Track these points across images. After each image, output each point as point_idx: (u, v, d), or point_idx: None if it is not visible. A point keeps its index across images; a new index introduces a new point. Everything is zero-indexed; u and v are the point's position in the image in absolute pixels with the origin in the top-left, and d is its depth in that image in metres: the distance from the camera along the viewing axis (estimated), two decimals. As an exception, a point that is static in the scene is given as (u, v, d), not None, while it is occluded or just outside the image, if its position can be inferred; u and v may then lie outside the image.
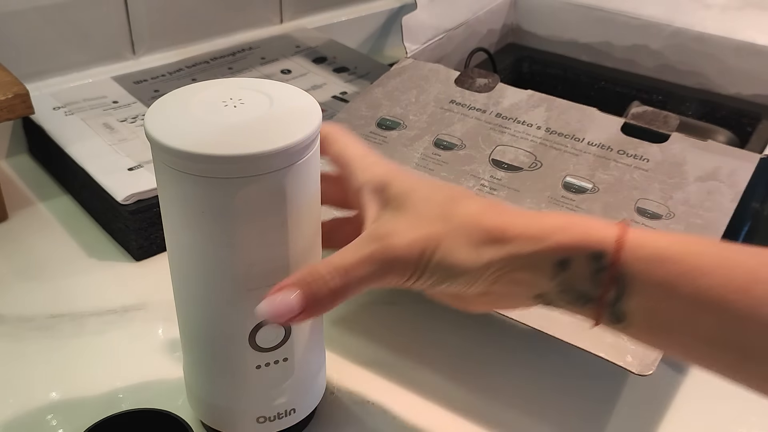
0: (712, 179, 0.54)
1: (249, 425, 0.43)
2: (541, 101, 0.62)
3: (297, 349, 0.42)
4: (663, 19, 0.75)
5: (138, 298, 0.58)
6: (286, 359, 0.42)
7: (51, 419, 0.48)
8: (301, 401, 0.44)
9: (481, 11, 0.80)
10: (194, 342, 0.43)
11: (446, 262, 0.37)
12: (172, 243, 0.40)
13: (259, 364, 0.41)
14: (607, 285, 0.35)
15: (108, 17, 0.79)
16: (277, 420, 0.43)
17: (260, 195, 0.36)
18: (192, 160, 0.35)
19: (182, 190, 0.37)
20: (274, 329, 0.40)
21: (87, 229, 0.66)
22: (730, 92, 0.73)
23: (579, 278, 0.36)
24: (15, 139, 0.75)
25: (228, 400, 0.43)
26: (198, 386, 0.44)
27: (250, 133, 0.36)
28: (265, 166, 0.35)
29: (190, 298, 0.41)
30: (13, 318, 0.56)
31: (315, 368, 0.45)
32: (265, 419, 0.43)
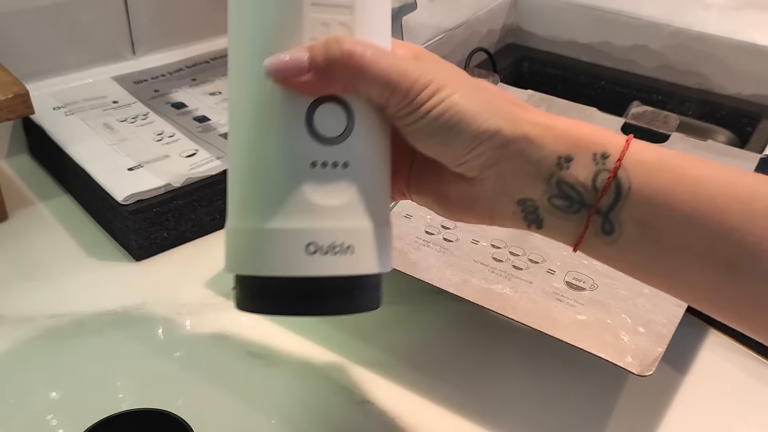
0: (712, 179, 0.54)
1: (296, 254, 0.34)
2: (541, 101, 0.62)
3: (359, 155, 0.35)
4: (663, 19, 0.75)
5: (138, 298, 0.58)
6: (346, 165, 0.35)
7: (51, 419, 0.48)
8: (362, 243, 0.35)
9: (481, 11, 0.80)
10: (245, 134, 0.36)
11: (461, 107, 0.34)
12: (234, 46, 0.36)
13: (314, 160, 0.34)
14: (606, 188, 0.34)
15: (108, 17, 0.79)
16: (330, 254, 0.34)
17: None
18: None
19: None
20: (334, 112, 0.34)
21: (87, 229, 0.66)
22: (730, 92, 0.73)
23: (579, 177, 0.35)
24: (15, 139, 0.75)
25: (273, 216, 0.34)
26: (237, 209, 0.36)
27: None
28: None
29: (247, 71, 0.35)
30: (13, 318, 0.56)
31: (382, 209, 0.37)
32: (316, 249, 0.34)
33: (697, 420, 0.50)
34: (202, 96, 0.77)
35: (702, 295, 0.35)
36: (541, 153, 0.35)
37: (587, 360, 0.46)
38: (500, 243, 0.52)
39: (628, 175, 0.34)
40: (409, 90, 0.34)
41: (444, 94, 0.34)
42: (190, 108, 0.75)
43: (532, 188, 0.35)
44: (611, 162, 0.34)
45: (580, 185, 0.35)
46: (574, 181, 0.35)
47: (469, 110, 0.34)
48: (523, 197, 0.36)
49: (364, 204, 0.35)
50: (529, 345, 0.54)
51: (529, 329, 0.47)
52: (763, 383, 0.52)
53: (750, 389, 0.52)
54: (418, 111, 0.34)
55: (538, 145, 0.35)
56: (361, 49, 0.33)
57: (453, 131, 0.34)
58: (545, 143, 0.35)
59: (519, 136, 0.35)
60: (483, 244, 0.53)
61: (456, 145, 0.35)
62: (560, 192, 0.35)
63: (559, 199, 0.35)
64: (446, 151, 0.35)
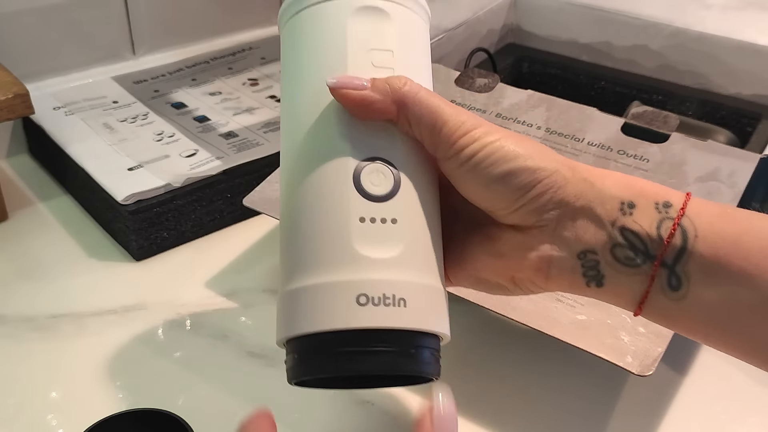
0: (712, 179, 0.54)
1: (347, 306, 0.33)
2: (541, 101, 0.62)
3: (407, 212, 0.35)
4: (663, 19, 0.75)
5: (138, 299, 0.58)
6: (395, 221, 0.34)
7: (51, 419, 0.48)
8: (415, 297, 0.34)
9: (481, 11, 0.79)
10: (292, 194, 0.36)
11: (510, 149, 0.33)
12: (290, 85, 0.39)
13: (363, 216, 0.34)
14: (671, 236, 0.32)
15: (108, 17, 0.79)
16: (382, 305, 0.33)
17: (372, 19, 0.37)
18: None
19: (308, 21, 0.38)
20: (381, 171, 0.35)
21: (87, 229, 0.66)
22: (730, 92, 0.73)
23: (643, 224, 0.33)
24: (15, 139, 0.75)
25: (323, 271, 0.34)
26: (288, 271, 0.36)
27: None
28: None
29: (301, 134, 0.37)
30: (13, 318, 0.56)
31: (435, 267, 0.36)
32: (368, 300, 0.33)
33: (697, 421, 0.50)
34: (202, 96, 0.77)
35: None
36: (603, 197, 0.34)
37: (587, 360, 0.46)
38: (500, 243, 0.52)
39: (693, 224, 0.33)
40: (460, 126, 0.34)
41: (493, 137, 0.34)
42: (190, 108, 0.75)
43: (594, 236, 0.34)
44: (674, 210, 0.33)
45: (644, 233, 0.33)
46: (638, 229, 0.33)
47: (524, 151, 0.34)
48: (584, 249, 0.34)
49: (414, 259, 0.35)
50: (529, 345, 0.54)
51: (529, 329, 0.47)
52: (763, 384, 0.52)
53: (750, 390, 0.52)
54: (469, 148, 0.34)
55: (599, 189, 0.34)
56: (418, 85, 0.34)
57: (509, 168, 0.33)
58: (606, 188, 0.34)
59: (579, 179, 0.34)
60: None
61: (513, 183, 0.33)
62: (624, 240, 0.33)
63: (622, 250, 0.33)
64: (503, 192, 0.34)
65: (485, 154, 0.33)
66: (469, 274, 0.37)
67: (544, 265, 0.35)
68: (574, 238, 0.34)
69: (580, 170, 0.34)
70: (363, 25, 0.37)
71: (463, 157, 0.34)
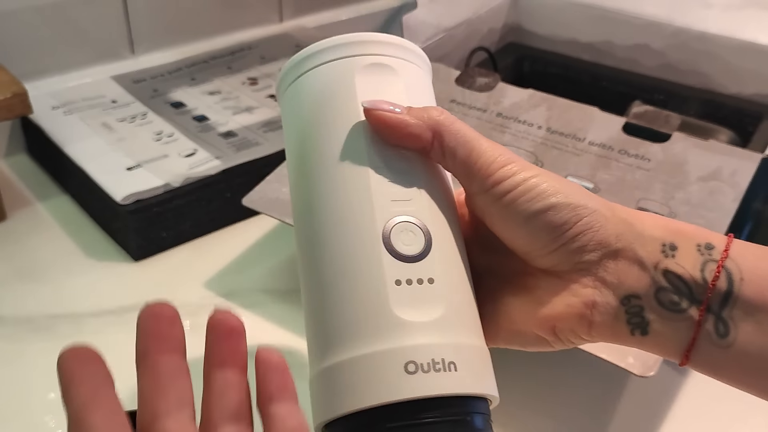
0: (714, 179, 0.54)
1: (396, 376, 0.30)
2: (542, 101, 0.62)
3: (443, 270, 0.33)
4: (664, 19, 0.74)
5: (137, 299, 0.58)
6: (432, 281, 0.32)
7: (49, 420, 0.48)
8: (463, 359, 0.31)
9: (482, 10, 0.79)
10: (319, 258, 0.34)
11: (547, 187, 0.32)
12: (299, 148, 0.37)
13: (398, 278, 0.32)
14: (716, 278, 0.31)
15: (107, 16, 0.79)
16: (432, 371, 0.30)
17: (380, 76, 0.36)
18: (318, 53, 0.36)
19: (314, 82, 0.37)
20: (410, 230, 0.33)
21: (86, 229, 0.66)
22: (731, 92, 0.73)
23: (686, 266, 0.31)
24: (13, 138, 0.75)
25: (364, 341, 0.31)
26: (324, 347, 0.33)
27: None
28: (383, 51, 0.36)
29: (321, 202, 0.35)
30: (12, 319, 0.56)
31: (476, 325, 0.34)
32: (417, 367, 0.30)
33: (698, 421, 0.50)
34: (201, 95, 0.77)
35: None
36: (644, 239, 0.32)
37: (588, 361, 0.45)
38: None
39: (738, 266, 0.31)
40: (495, 159, 0.32)
41: (531, 173, 0.32)
42: (189, 107, 0.75)
43: (638, 280, 0.32)
44: (717, 252, 0.31)
45: (688, 276, 0.31)
46: (682, 272, 0.31)
47: (562, 188, 0.32)
48: (628, 293, 0.32)
49: (457, 319, 0.33)
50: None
51: (530, 330, 0.47)
52: (765, 384, 0.52)
53: (752, 390, 0.52)
54: (506, 182, 0.32)
55: (639, 231, 0.32)
56: (454, 117, 0.33)
57: (549, 204, 0.32)
58: (647, 229, 0.32)
59: (618, 220, 0.32)
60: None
61: (554, 220, 0.32)
62: (668, 284, 0.32)
63: (666, 294, 0.32)
64: (543, 229, 0.32)
65: (524, 189, 0.32)
66: (505, 329, 0.35)
67: (587, 311, 0.32)
68: (616, 281, 0.32)
69: (619, 210, 0.33)
70: (371, 79, 0.36)
71: (501, 190, 0.32)
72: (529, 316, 0.34)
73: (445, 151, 0.33)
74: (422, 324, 0.31)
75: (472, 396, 0.32)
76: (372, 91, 0.35)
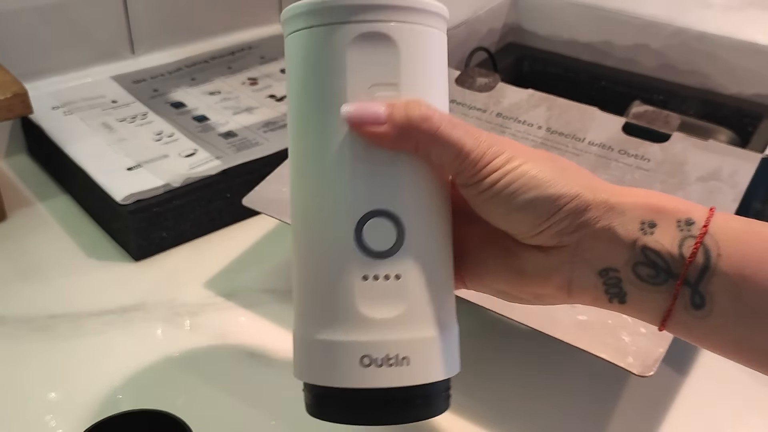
0: (714, 179, 0.54)
1: (352, 366, 0.34)
2: (542, 101, 0.62)
3: (412, 267, 0.35)
4: (664, 19, 0.74)
5: (137, 299, 0.58)
6: (399, 277, 0.35)
7: (50, 420, 0.48)
8: (418, 354, 0.35)
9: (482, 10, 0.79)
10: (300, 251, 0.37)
11: (534, 174, 0.33)
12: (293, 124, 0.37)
13: (366, 273, 0.34)
14: (693, 254, 0.32)
15: (107, 17, 0.79)
16: (385, 366, 0.34)
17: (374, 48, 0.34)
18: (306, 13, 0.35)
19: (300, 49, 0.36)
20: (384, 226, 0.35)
21: (86, 229, 0.66)
22: (731, 92, 0.73)
23: (664, 243, 0.33)
24: (14, 138, 0.75)
25: (328, 328, 0.35)
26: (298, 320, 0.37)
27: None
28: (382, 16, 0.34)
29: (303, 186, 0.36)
30: (12, 318, 0.56)
31: (439, 315, 0.36)
32: (371, 361, 0.34)
33: (698, 421, 0.50)
34: (201, 95, 0.77)
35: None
36: (624, 218, 0.33)
37: (588, 361, 0.45)
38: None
39: (716, 242, 0.32)
40: (482, 156, 0.33)
41: (517, 163, 0.33)
42: (189, 107, 0.75)
43: (616, 255, 0.34)
44: (697, 228, 0.33)
45: (666, 252, 0.33)
46: (660, 248, 0.33)
47: (544, 177, 0.33)
48: (606, 266, 0.34)
49: (419, 314, 0.35)
50: (529, 345, 0.54)
51: (529, 329, 0.47)
52: (764, 385, 0.52)
53: (751, 390, 0.52)
54: (490, 177, 0.34)
55: (620, 211, 0.34)
56: (438, 116, 0.33)
57: (530, 197, 0.33)
58: (627, 209, 0.34)
59: (599, 202, 0.34)
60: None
61: (533, 212, 0.34)
62: (645, 259, 0.33)
63: (644, 268, 0.33)
64: (524, 219, 0.34)
65: (507, 181, 0.33)
66: (488, 285, 0.38)
67: (565, 283, 0.35)
68: (595, 257, 0.34)
69: (602, 191, 0.34)
70: (363, 56, 0.34)
71: (485, 185, 0.34)
72: (512, 281, 0.36)
73: (432, 155, 0.34)
74: (382, 321, 0.34)
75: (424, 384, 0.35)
76: (363, 75, 0.34)
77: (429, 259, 0.35)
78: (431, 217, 0.36)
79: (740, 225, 0.33)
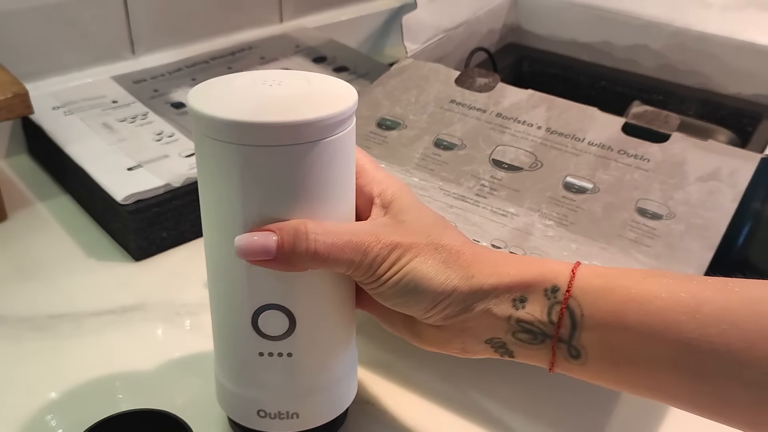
0: (713, 179, 0.54)
1: (250, 415, 0.42)
2: (542, 101, 0.62)
3: (302, 348, 0.41)
4: (664, 19, 0.74)
5: (137, 299, 0.58)
6: (291, 354, 0.41)
7: (50, 419, 0.48)
8: (306, 409, 0.43)
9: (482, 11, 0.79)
10: (213, 315, 0.43)
11: (417, 273, 0.38)
12: (203, 216, 0.41)
13: (261, 351, 0.40)
14: (561, 319, 0.37)
15: (107, 17, 0.79)
16: (278, 419, 0.42)
17: (268, 166, 0.36)
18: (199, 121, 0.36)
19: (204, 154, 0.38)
20: (277, 317, 0.39)
21: (86, 229, 0.66)
22: (730, 92, 0.73)
23: (535, 314, 0.38)
24: (14, 138, 0.75)
25: (234, 384, 0.43)
26: (215, 363, 0.44)
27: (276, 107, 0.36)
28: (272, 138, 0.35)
29: (212, 271, 0.41)
30: (12, 318, 0.56)
31: (327, 378, 0.43)
32: (266, 414, 0.42)
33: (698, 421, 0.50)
34: (201, 96, 0.77)
35: (692, 404, 0.36)
36: (498, 299, 0.38)
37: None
38: (500, 243, 0.52)
39: (579, 304, 0.37)
40: (371, 264, 0.38)
41: (404, 261, 0.38)
42: (189, 108, 0.75)
43: (496, 329, 0.39)
44: (561, 294, 0.37)
45: (537, 321, 0.38)
46: (532, 319, 0.38)
47: (425, 274, 0.38)
48: (490, 337, 0.39)
49: (308, 382, 0.42)
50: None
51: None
52: (764, 384, 0.52)
53: (751, 390, 0.52)
54: (380, 279, 0.38)
55: (494, 295, 0.38)
56: (325, 245, 0.37)
57: (413, 294, 0.38)
58: (500, 291, 0.38)
59: (475, 290, 0.38)
60: (483, 243, 0.53)
61: (418, 305, 0.39)
62: (521, 328, 0.38)
63: (522, 334, 0.38)
64: (410, 309, 0.39)
65: (394, 281, 0.38)
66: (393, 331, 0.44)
67: (460, 348, 0.41)
68: (480, 331, 0.39)
69: (477, 278, 0.38)
70: (256, 175, 0.36)
71: (377, 284, 0.39)
72: (415, 340, 0.42)
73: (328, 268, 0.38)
74: (275, 387, 0.42)
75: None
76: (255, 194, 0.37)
77: (319, 340, 0.41)
78: (323, 305, 0.40)
79: (600, 282, 0.37)
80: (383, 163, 0.58)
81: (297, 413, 0.42)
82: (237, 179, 0.36)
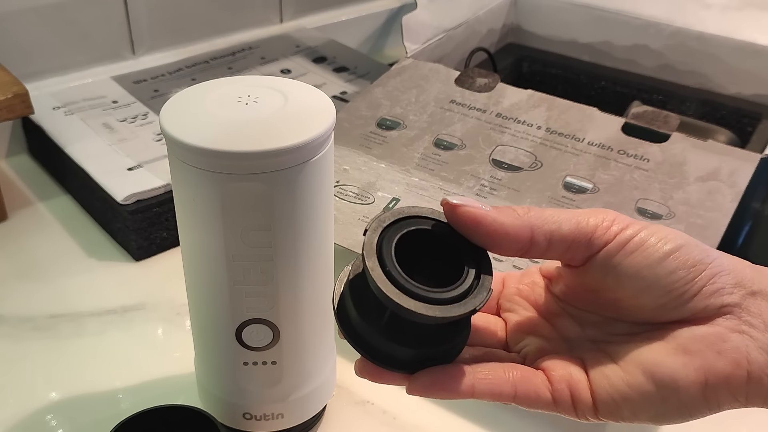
0: (713, 179, 0.54)
1: (236, 417, 0.44)
2: (542, 101, 0.62)
3: (287, 355, 0.42)
4: (663, 19, 0.75)
5: (137, 299, 0.58)
6: (275, 362, 0.42)
7: (51, 419, 0.48)
8: (290, 410, 0.44)
9: (482, 11, 0.79)
10: (195, 327, 0.44)
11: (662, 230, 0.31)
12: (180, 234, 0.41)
13: (246, 361, 0.42)
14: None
15: (108, 17, 0.79)
16: (263, 420, 0.44)
17: (247, 193, 0.36)
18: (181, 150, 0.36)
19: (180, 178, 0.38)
20: (261, 330, 0.40)
21: (87, 229, 0.66)
22: (730, 92, 0.73)
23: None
24: (14, 139, 0.75)
25: (219, 390, 0.44)
26: (198, 369, 0.45)
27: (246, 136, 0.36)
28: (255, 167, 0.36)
29: (192, 287, 0.42)
30: (12, 318, 0.56)
31: (310, 380, 0.44)
32: (252, 417, 0.44)
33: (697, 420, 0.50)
34: (201, 96, 0.77)
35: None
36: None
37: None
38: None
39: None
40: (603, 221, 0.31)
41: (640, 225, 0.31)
42: (189, 108, 0.75)
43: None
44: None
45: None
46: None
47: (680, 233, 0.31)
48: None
49: (293, 384, 0.43)
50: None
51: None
52: (763, 383, 0.52)
53: (750, 389, 0.52)
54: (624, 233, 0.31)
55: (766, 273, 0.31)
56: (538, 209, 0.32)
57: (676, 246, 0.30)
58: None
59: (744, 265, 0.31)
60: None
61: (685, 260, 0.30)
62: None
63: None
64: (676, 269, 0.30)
65: (642, 237, 0.30)
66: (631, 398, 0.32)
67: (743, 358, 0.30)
68: (763, 324, 0.30)
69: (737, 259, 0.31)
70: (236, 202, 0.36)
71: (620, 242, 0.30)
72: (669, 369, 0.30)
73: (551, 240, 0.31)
74: (260, 392, 0.43)
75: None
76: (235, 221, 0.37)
77: (304, 347, 0.42)
78: (306, 314, 0.41)
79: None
80: (383, 163, 0.58)
81: (282, 414, 0.44)
82: (217, 205, 0.36)
